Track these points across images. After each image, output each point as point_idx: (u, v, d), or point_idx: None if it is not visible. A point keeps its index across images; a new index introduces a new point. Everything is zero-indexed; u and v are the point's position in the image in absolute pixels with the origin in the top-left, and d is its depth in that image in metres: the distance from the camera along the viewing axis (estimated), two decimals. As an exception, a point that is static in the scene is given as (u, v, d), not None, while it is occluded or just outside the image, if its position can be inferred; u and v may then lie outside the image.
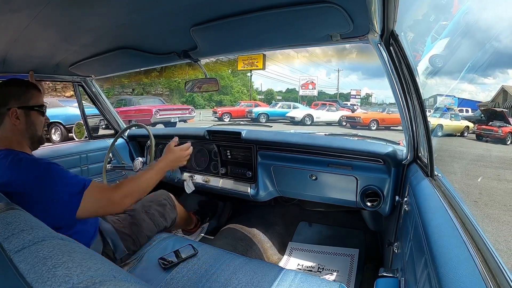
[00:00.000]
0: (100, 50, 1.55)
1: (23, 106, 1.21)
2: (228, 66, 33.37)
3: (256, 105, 22.81)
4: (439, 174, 1.20)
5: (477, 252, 0.66)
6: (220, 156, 2.23)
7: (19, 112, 1.20)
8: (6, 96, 1.19)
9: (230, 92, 35.59)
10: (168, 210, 1.84)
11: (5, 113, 1.18)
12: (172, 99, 28.76)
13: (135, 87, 27.08)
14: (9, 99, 1.19)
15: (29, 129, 1.24)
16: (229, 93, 35.29)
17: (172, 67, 27.86)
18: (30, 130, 1.25)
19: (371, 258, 2.01)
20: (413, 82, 1.15)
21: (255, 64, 25.41)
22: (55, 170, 1.14)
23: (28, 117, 1.23)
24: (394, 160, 1.60)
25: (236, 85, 36.73)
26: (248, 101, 27.31)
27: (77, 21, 1.12)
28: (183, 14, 1.11)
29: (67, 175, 1.16)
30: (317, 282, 1.29)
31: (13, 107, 1.18)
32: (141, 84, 27.52)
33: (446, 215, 0.85)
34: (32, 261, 0.53)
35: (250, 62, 25.32)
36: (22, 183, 1.08)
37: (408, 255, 0.99)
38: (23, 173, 1.10)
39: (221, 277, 1.32)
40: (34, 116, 1.26)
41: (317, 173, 1.86)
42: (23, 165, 1.12)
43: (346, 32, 1.12)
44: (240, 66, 27.06)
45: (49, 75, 1.96)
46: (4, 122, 1.19)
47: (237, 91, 36.60)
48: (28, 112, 1.23)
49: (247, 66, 26.29)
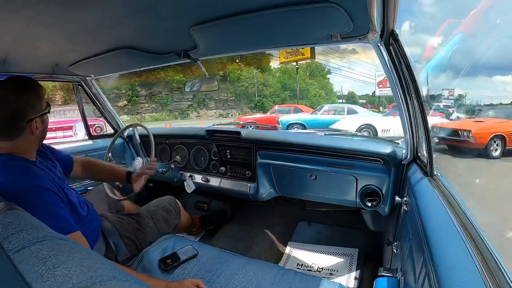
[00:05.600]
0: (100, 50, 1.54)
1: (40, 114, 1.14)
2: (305, 69, 30.85)
3: (296, 110, 15.89)
4: (438, 174, 1.21)
5: (476, 251, 0.66)
6: (219, 155, 2.24)
7: (38, 121, 1.14)
8: (23, 108, 1.09)
9: (306, 96, 30.76)
10: (172, 216, 1.84)
11: (25, 126, 1.10)
12: (240, 105, 26.95)
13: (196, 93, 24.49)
14: (27, 111, 1.10)
15: (44, 133, 1.20)
16: (305, 97, 30.26)
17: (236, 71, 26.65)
18: (44, 133, 1.21)
19: (370, 258, 2.01)
20: (413, 82, 1.15)
21: (300, 52, 21.57)
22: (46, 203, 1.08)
23: (44, 122, 1.18)
24: (393, 160, 1.60)
25: (313, 88, 31.95)
26: (285, 105, 19.90)
27: (77, 20, 1.12)
28: (183, 14, 1.11)
29: (54, 215, 1.08)
30: (317, 282, 1.29)
31: (33, 119, 1.11)
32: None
33: (446, 215, 0.85)
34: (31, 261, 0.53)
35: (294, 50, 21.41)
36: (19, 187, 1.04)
37: (408, 254, 0.99)
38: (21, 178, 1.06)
39: (221, 278, 1.32)
40: (46, 118, 1.21)
41: (317, 173, 1.86)
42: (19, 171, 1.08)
43: (346, 32, 1.12)
44: (282, 58, 24.06)
45: (49, 75, 1.95)
46: (24, 134, 1.11)
47: (313, 95, 31.00)
48: (43, 117, 1.17)
49: (291, 56, 22.92)
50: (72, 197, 1.24)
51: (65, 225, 1.09)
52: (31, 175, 1.10)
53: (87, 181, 2.32)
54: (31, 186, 1.06)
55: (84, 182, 2.31)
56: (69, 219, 1.13)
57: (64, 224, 1.09)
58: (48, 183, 1.11)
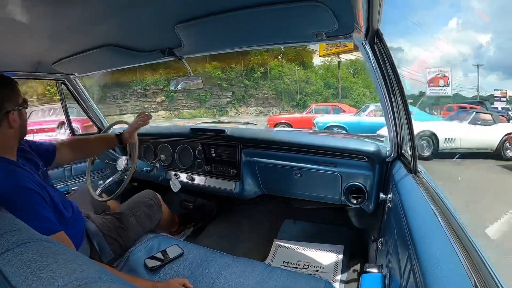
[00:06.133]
0: (83, 48, 1.51)
1: (17, 106, 1.13)
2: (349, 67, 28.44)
3: (337, 110, 13.43)
4: (422, 171, 1.23)
5: (460, 246, 0.68)
6: (204, 154, 2.23)
7: (15, 114, 1.12)
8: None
9: (350, 95, 28.04)
10: (154, 211, 1.82)
11: (2, 118, 1.08)
12: (281, 103, 25.44)
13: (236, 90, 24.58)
14: (4, 103, 1.08)
15: (22, 128, 1.19)
16: (348, 96, 27.70)
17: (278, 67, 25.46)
18: (23, 129, 1.19)
19: (356, 254, 2.04)
20: (397, 80, 1.17)
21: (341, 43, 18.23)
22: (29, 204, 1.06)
23: (21, 116, 1.16)
24: (378, 157, 1.62)
25: (356, 87, 29.02)
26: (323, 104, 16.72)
27: (61, 17, 1.09)
28: (168, 11, 1.09)
29: (38, 216, 1.07)
30: (303, 279, 1.31)
31: (10, 111, 1.09)
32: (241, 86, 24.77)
33: (430, 211, 0.87)
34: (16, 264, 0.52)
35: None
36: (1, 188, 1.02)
37: (393, 250, 1.01)
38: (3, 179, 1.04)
39: (207, 277, 1.32)
40: (24, 114, 1.19)
41: (302, 171, 1.87)
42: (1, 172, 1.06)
43: (331, 31, 1.13)
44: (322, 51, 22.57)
45: (31, 73, 1.89)
46: (1, 126, 1.09)
47: (357, 94, 27.98)
48: (20, 111, 1.15)
49: (331, 48, 21.35)
50: (56, 197, 1.21)
51: (48, 225, 1.08)
52: (14, 176, 1.08)
53: (70, 181, 2.29)
54: (14, 187, 1.05)
55: (68, 182, 2.27)
56: (52, 219, 1.11)
57: (47, 225, 1.07)
58: (31, 184, 1.10)
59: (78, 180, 2.34)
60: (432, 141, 7.87)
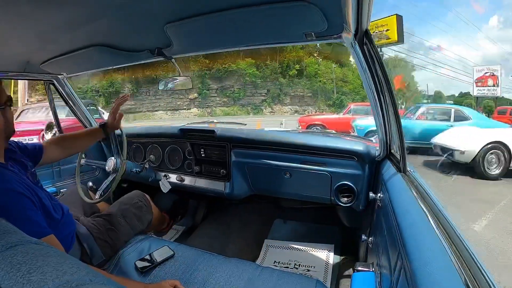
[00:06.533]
0: (71, 48, 1.48)
1: (1, 105, 1.10)
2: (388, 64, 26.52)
3: None
4: (411, 170, 1.24)
5: (450, 244, 0.68)
6: (194, 155, 2.21)
7: None
8: None
9: None
10: (144, 212, 1.80)
11: None
12: (317, 102, 24.73)
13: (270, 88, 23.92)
14: None
15: (8, 128, 1.16)
16: None
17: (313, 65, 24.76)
18: (9, 128, 1.17)
19: (346, 253, 2.05)
20: (386, 80, 1.18)
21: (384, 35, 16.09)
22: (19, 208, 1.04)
23: (5, 115, 1.13)
24: (367, 157, 1.64)
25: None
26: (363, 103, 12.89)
27: (49, 17, 1.07)
28: (157, 11, 1.09)
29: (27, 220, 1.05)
30: (295, 278, 1.31)
31: None
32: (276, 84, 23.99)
33: (419, 209, 0.88)
34: (5, 267, 0.51)
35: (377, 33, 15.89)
36: None
37: (383, 249, 1.02)
38: None
39: (199, 278, 1.31)
40: (9, 112, 1.16)
41: (291, 171, 1.87)
42: None
43: (320, 31, 1.13)
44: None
45: (19, 73, 1.86)
46: None
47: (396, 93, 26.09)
48: (4, 110, 1.13)
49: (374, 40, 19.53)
50: (45, 200, 1.19)
51: (38, 229, 1.06)
52: (3, 179, 1.05)
53: (59, 183, 2.26)
54: (3, 191, 1.03)
55: (56, 184, 2.24)
56: (42, 223, 1.09)
57: (37, 228, 1.06)
58: (20, 187, 1.07)
59: (66, 182, 2.31)
60: (504, 155, 6.00)
